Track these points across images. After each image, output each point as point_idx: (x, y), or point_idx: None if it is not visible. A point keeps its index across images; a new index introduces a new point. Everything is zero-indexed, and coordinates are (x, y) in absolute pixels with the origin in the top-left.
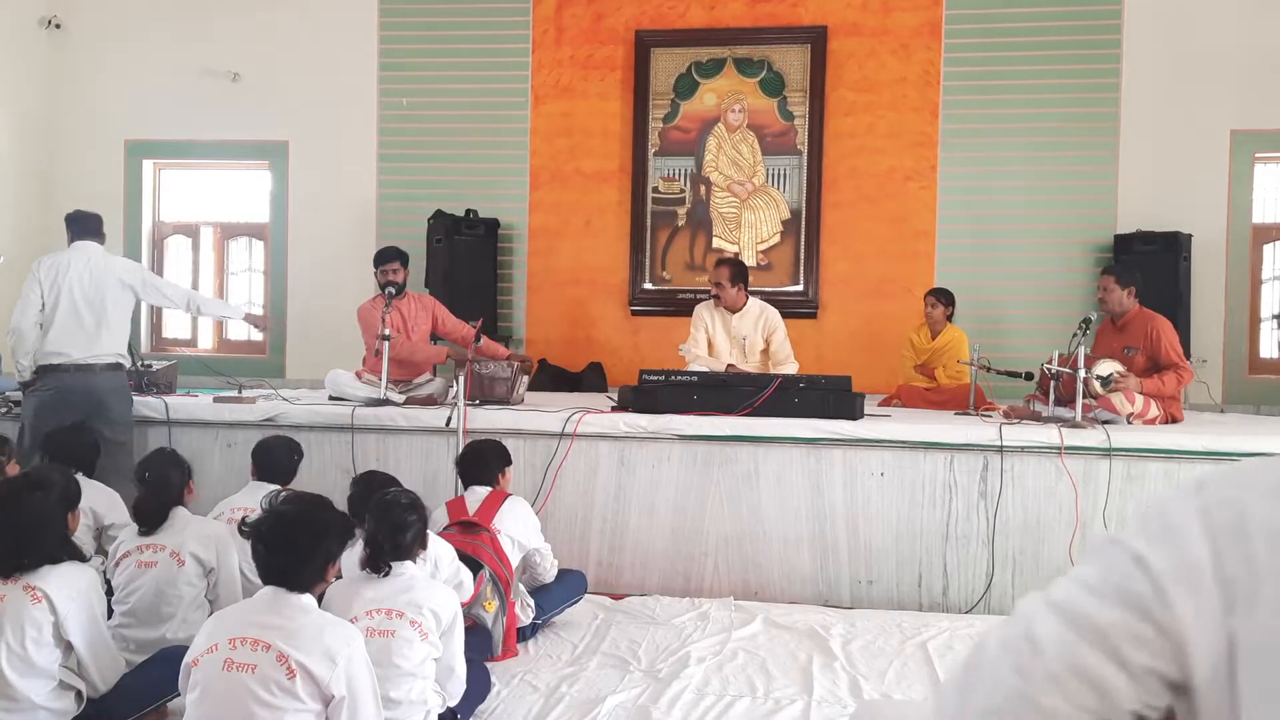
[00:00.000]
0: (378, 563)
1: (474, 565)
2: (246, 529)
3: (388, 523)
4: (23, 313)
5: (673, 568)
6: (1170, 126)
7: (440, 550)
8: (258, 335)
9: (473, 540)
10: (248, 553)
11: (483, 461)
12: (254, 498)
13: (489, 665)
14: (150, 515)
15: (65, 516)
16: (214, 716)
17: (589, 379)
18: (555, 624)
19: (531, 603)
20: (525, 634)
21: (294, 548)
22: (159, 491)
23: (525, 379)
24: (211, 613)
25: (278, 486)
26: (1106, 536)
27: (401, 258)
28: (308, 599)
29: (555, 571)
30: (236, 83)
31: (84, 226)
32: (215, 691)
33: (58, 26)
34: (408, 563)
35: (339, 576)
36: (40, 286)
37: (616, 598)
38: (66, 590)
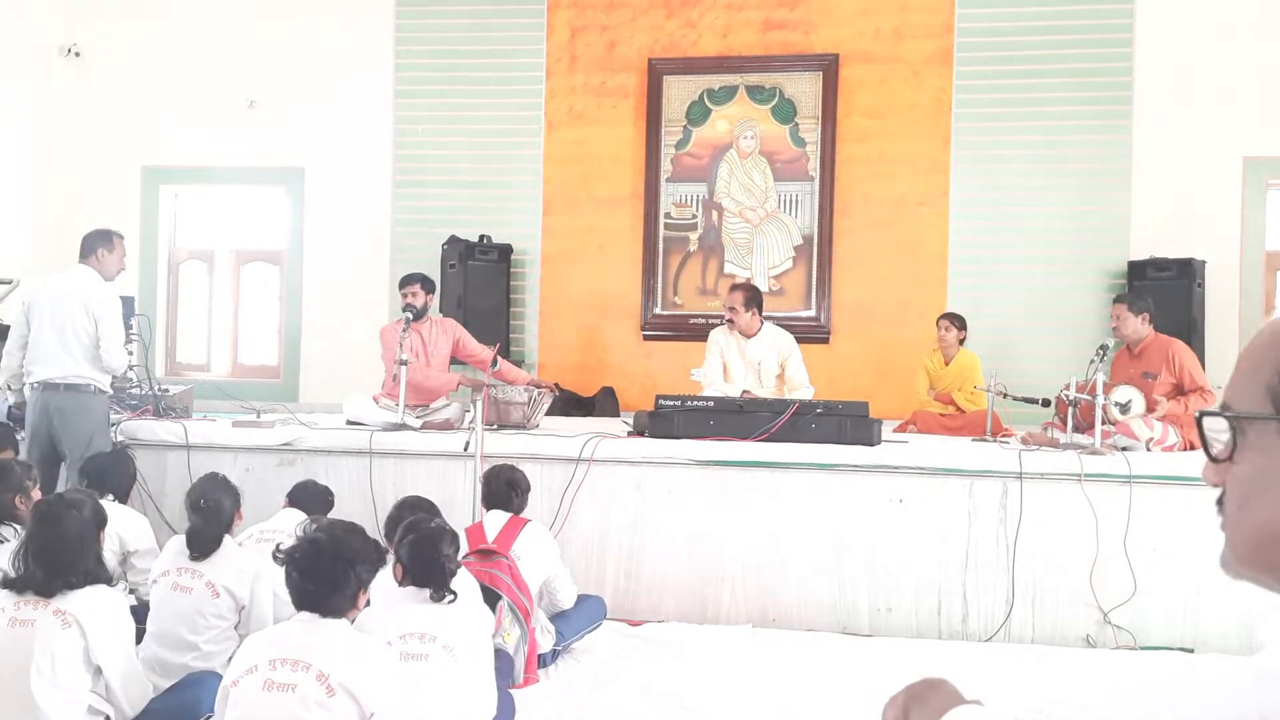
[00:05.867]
0: (441, 592)
1: (492, 596)
2: (280, 556)
3: (437, 553)
4: (9, 336)
5: (690, 594)
6: (1183, 153)
7: (467, 583)
8: (272, 359)
9: (490, 569)
10: (281, 578)
11: (506, 486)
12: (284, 523)
13: (511, 693)
14: (205, 543)
15: (98, 535)
16: None
17: (602, 403)
18: (575, 650)
19: (552, 629)
20: (545, 660)
21: (327, 575)
22: (213, 519)
23: (546, 404)
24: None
25: (305, 516)
26: None
27: (422, 281)
28: (342, 623)
29: (575, 597)
30: (253, 109)
31: (82, 247)
32: (255, 712)
33: (78, 55)
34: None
35: (368, 603)
36: (24, 311)
37: (634, 624)
38: (96, 615)
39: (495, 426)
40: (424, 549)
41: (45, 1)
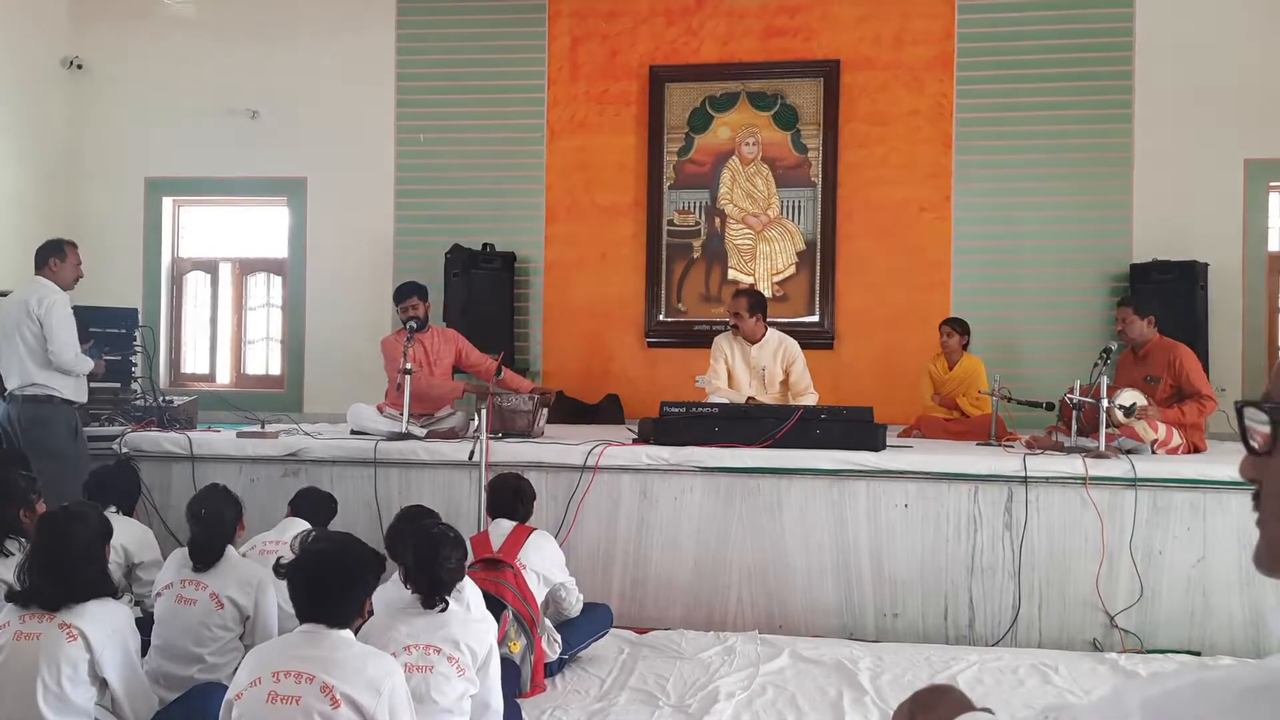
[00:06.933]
0: (432, 599)
1: (497, 605)
2: (282, 569)
3: (435, 557)
4: None
5: (696, 601)
6: (1184, 156)
7: (473, 593)
8: (276, 369)
9: (495, 578)
10: (285, 589)
11: (511, 494)
12: (286, 534)
13: (519, 702)
14: (206, 553)
15: (104, 548)
16: None
17: (606, 411)
18: (581, 658)
19: (558, 637)
20: (552, 669)
21: (336, 584)
22: (215, 530)
23: (545, 411)
24: None
25: (308, 526)
26: None
27: (419, 292)
28: (346, 633)
29: (581, 606)
30: (255, 120)
31: (35, 260)
32: None
33: (79, 67)
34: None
35: (371, 613)
36: None
37: (641, 631)
38: (102, 628)
39: (500, 435)
40: (427, 553)
41: (47, 13)
